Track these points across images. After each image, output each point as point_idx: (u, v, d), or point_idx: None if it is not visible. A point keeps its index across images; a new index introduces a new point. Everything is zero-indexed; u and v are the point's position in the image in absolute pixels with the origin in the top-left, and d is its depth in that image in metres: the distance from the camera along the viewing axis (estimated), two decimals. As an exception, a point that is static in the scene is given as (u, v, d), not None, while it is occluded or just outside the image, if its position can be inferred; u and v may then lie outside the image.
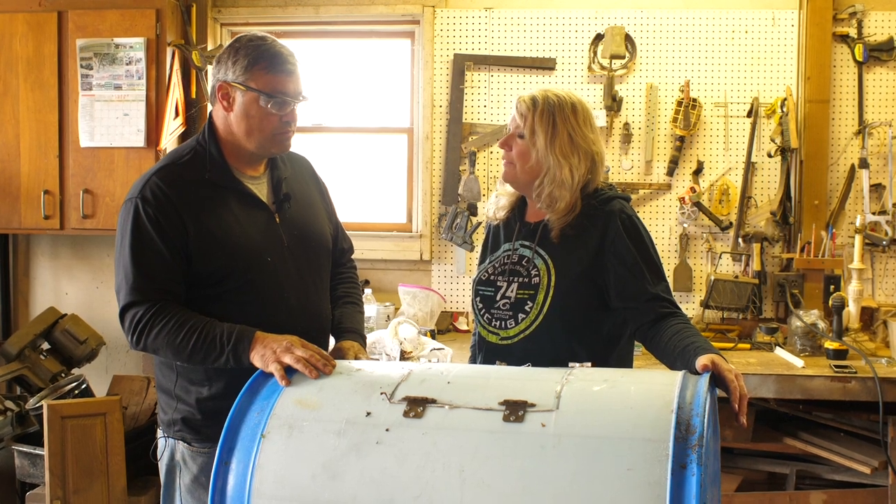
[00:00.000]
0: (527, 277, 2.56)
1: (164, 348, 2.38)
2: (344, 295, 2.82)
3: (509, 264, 2.62)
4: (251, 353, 2.29)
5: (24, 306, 5.43)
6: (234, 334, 2.33)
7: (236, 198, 2.52)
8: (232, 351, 2.31)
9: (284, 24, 5.19)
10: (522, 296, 2.55)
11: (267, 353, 2.24)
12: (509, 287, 2.59)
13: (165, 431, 2.58)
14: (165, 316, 2.36)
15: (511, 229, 2.71)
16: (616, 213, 2.54)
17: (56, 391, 4.33)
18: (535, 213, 2.67)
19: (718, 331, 4.68)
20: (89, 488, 4.05)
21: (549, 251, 2.57)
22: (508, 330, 2.56)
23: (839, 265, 4.62)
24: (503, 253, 2.67)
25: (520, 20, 4.97)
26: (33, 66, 4.81)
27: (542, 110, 2.53)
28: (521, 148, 2.57)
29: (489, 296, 2.63)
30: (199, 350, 2.34)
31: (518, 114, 2.58)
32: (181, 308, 2.39)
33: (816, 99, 4.77)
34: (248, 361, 2.29)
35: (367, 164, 5.31)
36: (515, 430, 1.86)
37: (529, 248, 2.61)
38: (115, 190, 4.77)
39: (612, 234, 2.51)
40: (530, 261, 2.58)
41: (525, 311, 2.54)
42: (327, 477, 1.91)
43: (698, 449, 1.73)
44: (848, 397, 3.88)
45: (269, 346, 2.26)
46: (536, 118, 2.53)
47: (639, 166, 4.92)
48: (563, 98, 2.56)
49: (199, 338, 2.34)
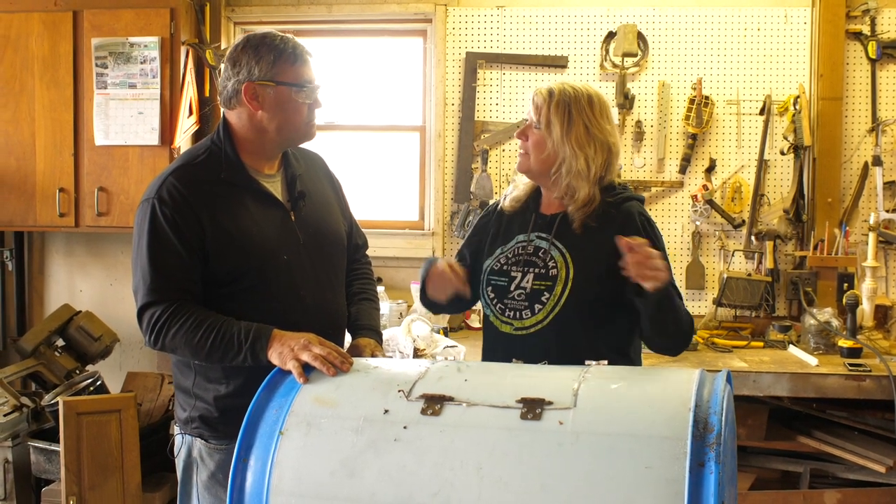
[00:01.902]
0: (543, 269, 2.58)
1: (181, 347, 2.39)
2: (359, 291, 2.83)
3: (524, 255, 2.63)
4: (269, 351, 2.30)
5: (38, 303, 5.46)
6: (252, 332, 2.34)
7: (252, 196, 2.53)
8: (249, 349, 2.33)
9: (297, 22, 5.20)
10: (539, 286, 2.56)
11: (285, 351, 2.26)
12: (524, 277, 2.59)
13: (183, 428, 2.59)
14: (183, 315, 2.37)
15: (526, 220, 2.71)
16: (635, 214, 2.59)
17: (71, 388, 4.36)
18: (552, 204, 2.68)
19: (731, 329, 4.68)
20: (104, 484, 4.07)
21: (566, 244, 2.58)
22: (524, 320, 2.57)
23: (853, 263, 4.61)
24: (517, 243, 2.67)
25: (532, 18, 4.97)
26: (49, 65, 4.84)
27: (557, 101, 2.56)
28: (536, 138, 2.59)
29: (502, 286, 2.63)
30: (217, 349, 2.35)
31: (534, 105, 2.60)
32: (198, 307, 2.40)
33: (829, 96, 4.76)
34: (265, 359, 2.30)
35: (380, 161, 5.33)
36: (533, 428, 1.87)
37: (546, 240, 2.62)
38: (129, 188, 4.80)
39: (630, 233, 2.52)
40: (547, 252, 2.59)
41: (542, 302, 2.55)
42: (345, 474, 1.91)
43: (716, 447, 1.73)
44: (862, 396, 3.88)
45: (287, 343, 2.27)
46: (552, 109, 2.56)
47: (651, 164, 4.92)
48: (579, 90, 2.59)
49: (216, 337, 2.35)
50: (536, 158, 2.60)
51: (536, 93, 2.61)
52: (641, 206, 2.66)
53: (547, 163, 2.58)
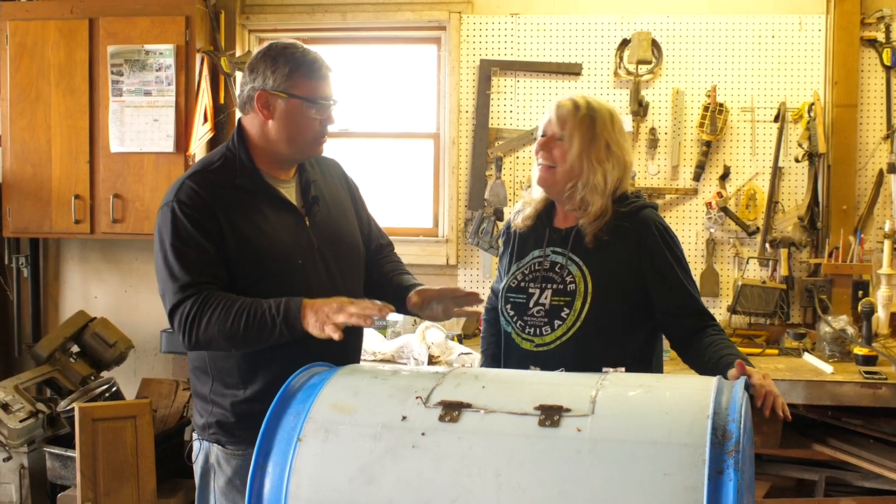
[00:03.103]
0: (561, 284, 2.57)
1: (216, 337, 2.36)
2: (393, 269, 2.83)
3: (541, 271, 2.63)
4: (303, 321, 2.29)
5: (53, 310, 5.49)
6: (283, 306, 2.32)
7: (266, 201, 2.53)
8: (283, 322, 2.31)
9: (312, 30, 5.23)
10: (558, 302, 2.56)
11: (320, 317, 2.26)
12: (542, 294, 2.59)
13: (200, 434, 2.60)
14: (211, 304, 2.35)
15: (540, 235, 2.70)
16: (651, 223, 2.59)
17: (86, 394, 4.37)
18: (565, 218, 2.68)
19: (746, 336, 4.67)
20: (119, 490, 4.08)
21: (583, 257, 2.58)
22: (544, 336, 2.57)
23: (868, 270, 4.60)
24: (532, 259, 2.67)
25: (546, 25, 4.98)
26: (65, 72, 4.87)
27: (583, 116, 2.56)
28: (562, 151, 2.58)
29: (521, 303, 2.63)
30: (252, 329, 2.33)
31: (557, 118, 2.59)
32: (223, 293, 2.38)
33: (844, 103, 4.75)
34: (301, 330, 2.29)
35: (394, 168, 5.34)
36: (551, 435, 1.87)
37: (562, 255, 2.61)
38: (144, 195, 4.83)
39: (649, 243, 2.53)
40: (564, 267, 2.59)
41: (561, 318, 2.54)
42: (363, 481, 1.91)
43: (735, 454, 1.73)
44: (878, 404, 3.86)
45: (321, 310, 2.28)
46: (578, 123, 2.55)
47: (665, 171, 4.92)
48: (602, 105, 2.60)
49: (248, 318, 2.33)
50: (562, 171, 2.58)
51: (560, 105, 2.60)
52: (656, 214, 2.65)
53: (568, 176, 2.58)
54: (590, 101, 2.59)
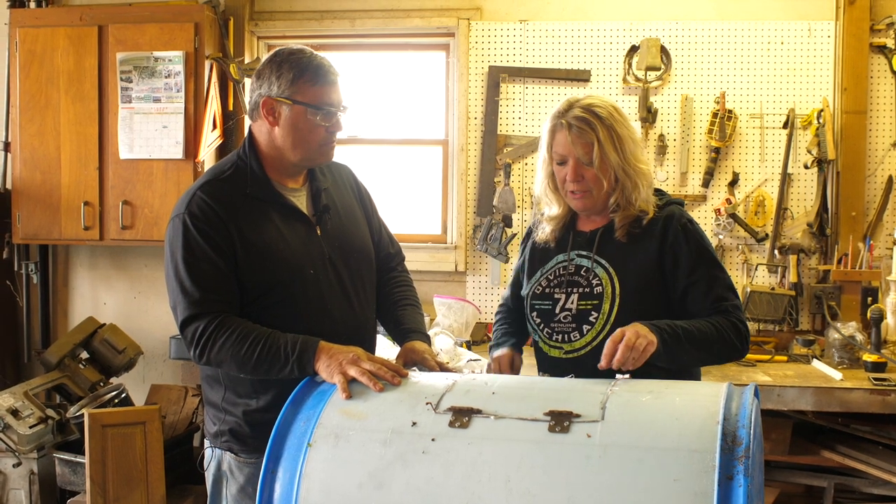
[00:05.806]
0: (587, 287, 2.53)
1: (228, 361, 2.38)
2: (401, 298, 2.80)
3: (566, 275, 2.59)
4: (316, 364, 2.30)
5: (63, 316, 5.49)
6: (299, 345, 2.34)
7: (277, 211, 2.53)
8: (296, 361, 2.33)
9: (321, 37, 5.24)
10: (585, 306, 2.52)
11: (332, 365, 2.26)
12: (569, 299, 2.55)
13: (212, 442, 2.60)
14: (227, 329, 2.36)
15: (564, 240, 2.66)
16: (674, 219, 2.53)
17: (96, 400, 4.38)
18: (589, 221, 2.64)
19: (755, 343, 4.65)
20: (129, 496, 4.08)
21: (608, 259, 2.53)
22: (573, 343, 2.53)
23: (877, 277, 4.59)
24: (557, 264, 2.63)
25: (554, 32, 4.98)
26: (74, 79, 4.88)
27: (604, 127, 2.47)
28: (594, 175, 2.50)
29: (547, 309, 2.59)
30: (264, 361, 2.35)
31: (574, 143, 2.49)
32: (241, 320, 2.40)
33: (853, 110, 4.75)
34: (312, 372, 2.31)
35: (403, 175, 5.34)
36: (561, 441, 1.87)
37: (587, 258, 2.57)
38: (153, 201, 4.83)
39: (671, 240, 2.50)
40: (590, 270, 2.54)
41: (590, 322, 2.51)
42: (373, 486, 1.92)
43: (745, 460, 1.73)
44: (887, 410, 3.85)
45: (336, 357, 2.28)
46: (602, 138, 2.46)
47: (674, 178, 4.92)
48: (605, 104, 2.51)
49: (262, 349, 2.34)
50: (599, 193, 2.52)
51: (571, 130, 2.48)
52: (682, 209, 2.59)
53: (608, 194, 2.52)
54: (594, 110, 2.48)
